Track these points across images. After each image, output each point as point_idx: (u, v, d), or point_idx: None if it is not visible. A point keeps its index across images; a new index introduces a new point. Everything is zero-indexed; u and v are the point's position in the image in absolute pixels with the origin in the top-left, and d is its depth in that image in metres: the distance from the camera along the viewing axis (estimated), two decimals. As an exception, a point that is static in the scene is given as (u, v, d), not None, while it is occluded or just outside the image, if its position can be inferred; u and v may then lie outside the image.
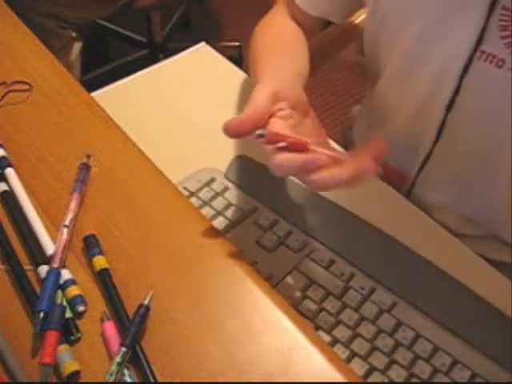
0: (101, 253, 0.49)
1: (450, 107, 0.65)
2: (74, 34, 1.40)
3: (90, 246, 0.49)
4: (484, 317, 0.57)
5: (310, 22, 0.74)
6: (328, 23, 0.83)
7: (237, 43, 1.94)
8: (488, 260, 0.63)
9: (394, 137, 0.74)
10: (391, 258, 0.61)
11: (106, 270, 0.48)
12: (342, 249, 0.61)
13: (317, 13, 0.73)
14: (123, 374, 0.41)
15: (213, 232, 0.52)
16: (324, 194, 0.66)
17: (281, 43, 0.69)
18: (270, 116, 0.48)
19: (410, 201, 0.68)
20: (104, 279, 0.47)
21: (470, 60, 0.60)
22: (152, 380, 0.42)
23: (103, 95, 0.74)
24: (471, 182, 0.70)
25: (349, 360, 0.53)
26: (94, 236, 0.50)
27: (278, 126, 0.47)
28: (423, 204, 0.71)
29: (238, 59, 1.90)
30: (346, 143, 0.90)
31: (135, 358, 0.43)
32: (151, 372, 0.42)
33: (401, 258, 0.61)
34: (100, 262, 0.48)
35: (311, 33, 0.75)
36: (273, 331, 0.45)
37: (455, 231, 0.66)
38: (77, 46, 1.42)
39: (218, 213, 0.64)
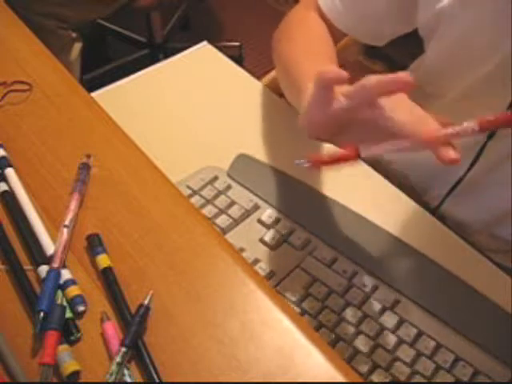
0: (104, 251, 0.48)
1: (491, 135, 0.63)
2: (74, 35, 1.40)
3: (94, 244, 0.49)
4: (486, 314, 0.57)
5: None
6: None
7: (237, 43, 1.93)
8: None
9: (427, 159, 0.73)
10: (394, 256, 0.61)
11: (109, 268, 0.47)
12: (345, 247, 0.61)
13: (345, 29, 0.72)
14: (123, 374, 0.41)
15: (213, 232, 0.52)
16: (327, 193, 0.66)
17: (320, 46, 0.68)
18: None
19: (436, 216, 0.67)
20: (107, 278, 0.47)
21: None
22: (155, 375, 0.42)
23: (103, 95, 0.74)
24: (503, 207, 0.69)
25: (352, 357, 0.53)
26: (97, 235, 0.50)
27: None
28: (451, 221, 0.70)
29: (239, 59, 1.90)
30: None
31: (137, 355, 0.43)
32: (154, 367, 0.42)
33: (403, 255, 0.61)
34: (103, 260, 0.48)
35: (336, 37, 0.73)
36: (273, 331, 0.45)
37: (482, 247, 0.65)
38: (77, 47, 1.42)
39: (221, 211, 0.63)
